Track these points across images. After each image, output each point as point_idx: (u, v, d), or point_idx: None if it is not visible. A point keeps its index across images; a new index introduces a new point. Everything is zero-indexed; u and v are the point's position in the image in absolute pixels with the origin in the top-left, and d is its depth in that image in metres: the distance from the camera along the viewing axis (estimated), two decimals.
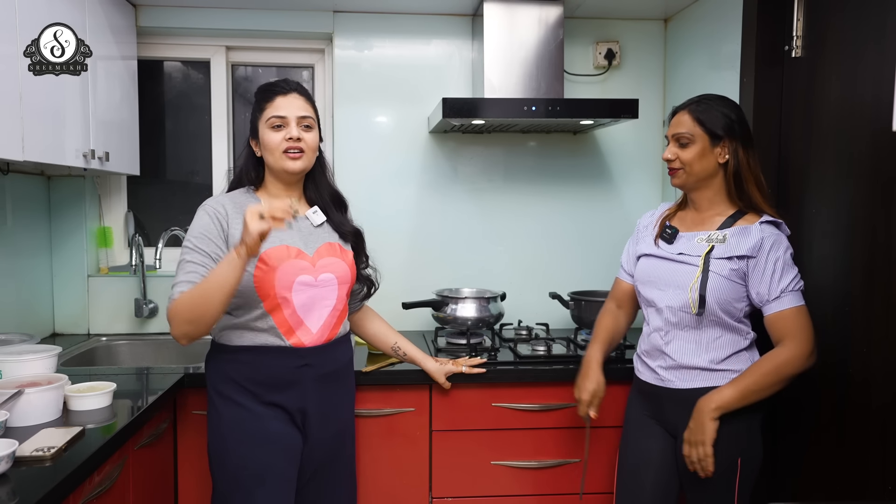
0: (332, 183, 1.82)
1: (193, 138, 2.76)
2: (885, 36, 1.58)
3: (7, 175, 2.19)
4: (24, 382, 1.55)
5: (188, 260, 1.59)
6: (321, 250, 1.70)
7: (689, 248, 1.71)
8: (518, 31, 2.38)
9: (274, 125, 1.65)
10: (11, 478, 1.24)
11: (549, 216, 2.71)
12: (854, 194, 1.69)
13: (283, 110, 1.64)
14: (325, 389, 1.70)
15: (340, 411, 1.76)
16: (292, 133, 1.64)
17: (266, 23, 2.57)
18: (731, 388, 1.61)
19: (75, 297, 2.56)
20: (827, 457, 1.77)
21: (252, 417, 1.63)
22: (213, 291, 1.49)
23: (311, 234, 1.71)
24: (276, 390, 1.64)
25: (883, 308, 1.58)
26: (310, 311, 1.66)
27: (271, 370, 1.63)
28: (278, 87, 1.67)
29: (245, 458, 1.62)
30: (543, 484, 2.10)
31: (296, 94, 1.67)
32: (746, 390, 1.60)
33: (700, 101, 1.71)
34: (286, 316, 1.63)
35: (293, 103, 1.66)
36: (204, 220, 1.62)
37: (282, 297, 1.62)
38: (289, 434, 1.65)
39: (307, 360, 1.66)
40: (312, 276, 1.66)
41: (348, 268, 1.73)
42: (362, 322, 1.97)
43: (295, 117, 1.65)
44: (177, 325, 1.54)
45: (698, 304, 1.64)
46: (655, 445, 1.77)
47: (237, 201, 1.68)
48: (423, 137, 2.64)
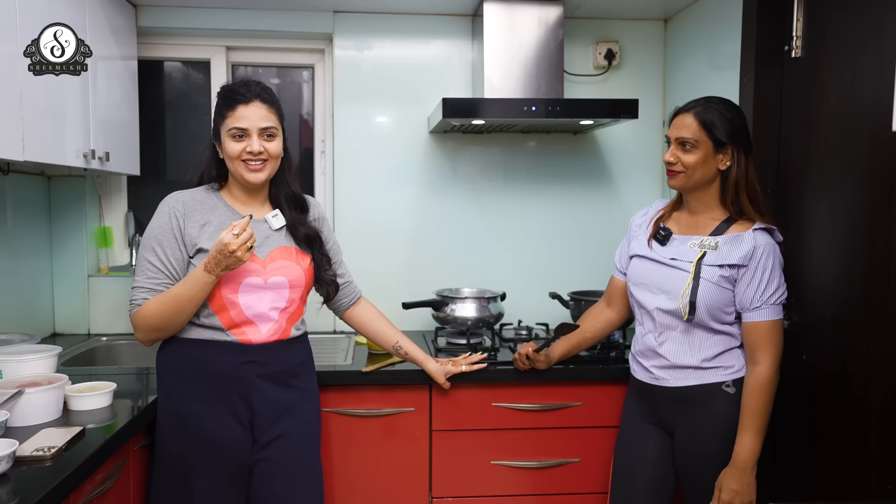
0: (291, 182, 1.77)
1: (193, 138, 2.76)
2: (884, 36, 1.58)
3: (7, 175, 2.19)
4: (24, 382, 1.55)
5: (149, 261, 1.62)
6: (274, 254, 1.69)
7: (681, 252, 1.72)
8: (518, 32, 2.38)
9: (235, 135, 1.62)
10: (12, 478, 1.24)
11: (549, 216, 2.71)
12: (854, 194, 1.69)
13: (244, 122, 1.61)
14: (275, 389, 1.68)
15: (296, 412, 1.72)
16: (253, 147, 1.61)
17: (266, 23, 2.57)
18: (748, 436, 1.63)
19: (75, 297, 2.56)
20: (827, 456, 1.77)
21: (193, 413, 1.63)
22: (184, 305, 1.57)
23: (267, 238, 1.69)
24: (220, 386, 1.63)
25: (883, 308, 1.58)
26: (257, 311, 1.65)
27: (216, 364, 1.63)
28: (240, 95, 1.62)
29: (183, 452, 1.62)
30: (543, 484, 2.10)
31: (258, 101, 1.62)
32: (761, 428, 1.63)
33: (706, 104, 1.69)
34: (232, 316, 1.63)
35: (255, 113, 1.61)
36: (162, 220, 1.64)
37: (227, 299, 1.62)
38: (232, 431, 1.64)
39: (253, 357, 1.65)
40: (261, 279, 1.65)
41: (303, 272, 1.72)
42: (364, 321, 1.96)
43: (256, 129, 1.61)
44: (144, 332, 1.62)
45: (689, 310, 1.66)
46: (651, 444, 1.79)
47: (198, 199, 1.68)
48: (423, 137, 2.64)
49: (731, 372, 1.69)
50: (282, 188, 1.76)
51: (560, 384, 2.07)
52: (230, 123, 1.62)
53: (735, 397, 1.67)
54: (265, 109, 1.64)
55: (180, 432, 1.63)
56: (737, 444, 1.63)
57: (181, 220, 1.63)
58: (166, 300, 1.57)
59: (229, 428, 1.64)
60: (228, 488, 1.65)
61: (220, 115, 1.65)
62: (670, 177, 1.73)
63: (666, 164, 1.73)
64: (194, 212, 1.64)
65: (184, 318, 1.59)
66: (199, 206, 1.66)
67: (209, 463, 1.63)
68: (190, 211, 1.64)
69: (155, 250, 1.62)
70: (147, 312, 1.58)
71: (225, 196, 1.71)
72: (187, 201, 1.66)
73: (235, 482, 1.66)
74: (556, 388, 2.08)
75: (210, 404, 1.63)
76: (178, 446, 1.63)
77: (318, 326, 2.52)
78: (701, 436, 1.69)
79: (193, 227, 1.63)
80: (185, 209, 1.64)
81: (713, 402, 1.68)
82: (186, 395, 1.64)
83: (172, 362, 1.67)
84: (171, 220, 1.63)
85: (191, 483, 1.62)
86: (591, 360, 2.14)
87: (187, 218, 1.63)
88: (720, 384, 1.68)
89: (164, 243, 1.62)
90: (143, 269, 1.62)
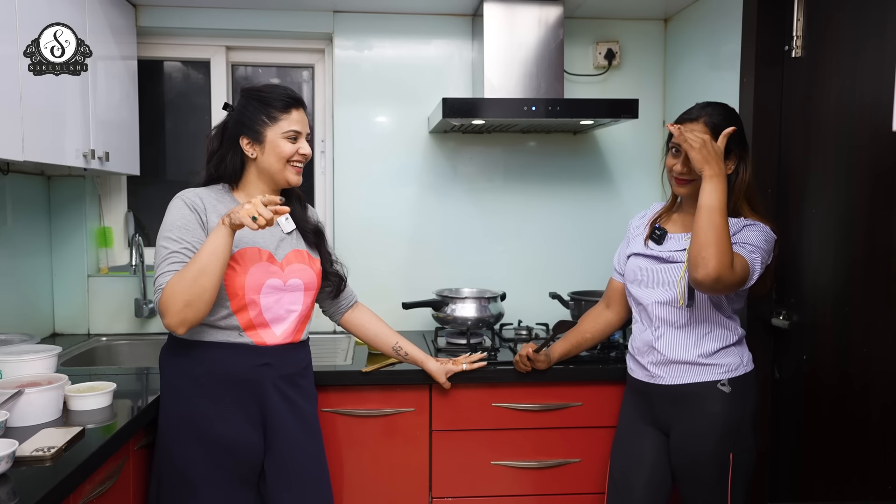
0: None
1: (193, 138, 2.76)
2: (885, 36, 1.58)
3: (7, 175, 2.19)
4: (24, 382, 1.55)
5: (171, 250, 1.56)
6: (290, 256, 1.71)
7: (677, 247, 1.73)
8: (518, 32, 2.38)
9: (291, 137, 1.67)
10: (11, 478, 1.24)
11: (550, 216, 2.71)
12: (854, 194, 1.69)
13: (299, 125, 1.68)
14: (287, 391, 1.69)
15: (304, 414, 1.73)
16: (305, 150, 1.69)
17: (266, 23, 2.57)
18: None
19: (75, 297, 2.56)
20: (827, 456, 1.77)
21: (203, 415, 1.62)
22: (207, 263, 1.48)
23: (281, 241, 1.71)
24: (234, 389, 1.63)
25: (883, 308, 1.58)
26: (275, 314, 1.66)
27: (231, 367, 1.62)
28: (293, 100, 1.68)
29: (192, 454, 1.61)
30: (543, 484, 2.10)
31: (304, 109, 1.71)
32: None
33: (712, 112, 1.69)
34: (251, 317, 1.63)
35: (304, 118, 1.70)
36: (183, 212, 1.61)
37: (250, 299, 1.62)
38: (243, 434, 1.63)
39: (267, 359, 1.65)
40: (281, 280, 1.67)
41: (315, 276, 1.75)
42: (362, 324, 1.97)
43: (305, 133, 1.70)
44: (174, 313, 1.49)
45: (686, 296, 1.66)
46: (648, 447, 1.79)
47: (212, 196, 1.67)
48: (423, 137, 2.64)
49: (729, 370, 1.69)
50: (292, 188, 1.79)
51: (560, 384, 2.07)
52: (286, 126, 1.66)
53: (731, 397, 1.67)
54: (306, 115, 1.72)
55: (189, 434, 1.62)
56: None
57: (203, 215, 1.62)
58: (188, 265, 1.51)
59: (241, 430, 1.63)
60: (239, 491, 1.64)
61: (270, 117, 1.65)
62: (679, 184, 1.73)
63: (676, 173, 1.72)
64: (212, 206, 1.64)
65: (210, 282, 1.48)
66: (215, 202, 1.66)
67: (220, 465, 1.62)
68: (209, 206, 1.64)
69: (176, 238, 1.57)
70: (173, 288, 1.49)
71: (239, 197, 1.71)
72: (203, 197, 1.65)
73: (246, 484, 1.65)
74: (555, 388, 2.08)
75: (222, 407, 1.62)
76: (187, 448, 1.62)
77: (318, 326, 2.51)
78: (696, 435, 1.69)
79: (214, 221, 1.62)
80: (204, 203, 1.64)
81: (709, 402, 1.68)
82: (197, 396, 1.63)
83: (182, 364, 1.65)
84: (193, 213, 1.61)
85: (200, 486, 1.61)
86: (590, 361, 2.14)
87: (208, 211, 1.63)
88: (716, 382, 1.68)
89: (186, 231, 1.58)
90: (163, 258, 1.56)
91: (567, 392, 2.08)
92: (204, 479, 1.61)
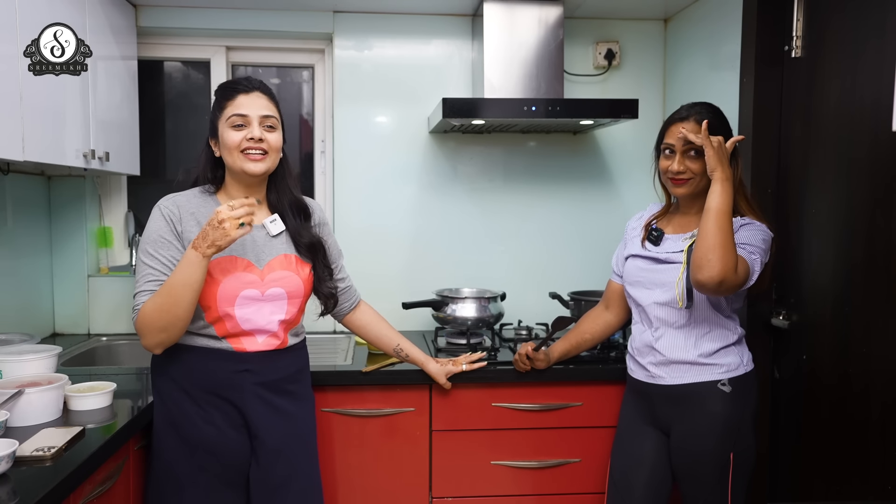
0: (293, 188, 1.73)
1: (193, 138, 2.76)
2: (884, 36, 1.58)
3: (7, 175, 2.18)
4: (24, 382, 1.55)
5: (148, 265, 1.56)
6: (273, 263, 1.64)
7: (674, 247, 1.74)
8: (518, 32, 2.38)
9: (234, 124, 1.58)
10: (11, 478, 1.24)
11: (549, 216, 2.71)
12: (854, 194, 1.69)
13: (244, 108, 1.58)
14: (271, 399, 1.65)
15: (292, 422, 1.68)
16: (254, 133, 1.57)
17: (266, 23, 2.57)
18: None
19: (75, 297, 2.56)
20: (827, 456, 1.77)
21: (186, 418, 1.61)
22: (179, 291, 1.48)
23: (265, 245, 1.65)
24: (214, 394, 1.61)
25: (882, 308, 1.59)
26: (256, 324, 1.61)
27: (211, 372, 1.60)
28: (240, 86, 1.60)
29: (177, 456, 1.61)
30: (543, 484, 2.10)
31: (258, 92, 1.61)
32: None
33: (702, 111, 1.70)
34: (228, 328, 1.60)
35: (256, 102, 1.59)
36: (159, 223, 1.59)
37: (223, 311, 1.58)
38: (227, 439, 1.61)
39: (248, 365, 1.61)
40: (259, 291, 1.60)
41: (302, 283, 1.67)
42: (365, 325, 1.95)
43: (257, 116, 1.58)
44: (150, 335, 1.52)
45: (685, 297, 1.66)
46: (648, 447, 1.79)
47: (193, 201, 1.64)
48: (423, 137, 2.64)
49: (729, 370, 1.69)
50: (284, 195, 1.71)
51: (560, 384, 2.07)
52: (230, 112, 1.58)
53: (731, 396, 1.67)
54: (266, 100, 1.62)
55: (175, 437, 1.62)
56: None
57: (177, 223, 1.59)
58: (161, 292, 1.51)
59: (224, 433, 1.62)
60: (224, 493, 1.63)
61: (219, 108, 1.62)
62: (677, 185, 1.73)
63: (672, 174, 1.73)
64: (189, 213, 1.62)
65: (183, 311, 1.49)
66: (193, 207, 1.63)
67: (205, 468, 1.61)
68: (185, 212, 1.61)
69: (152, 254, 1.58)
70: (147, 311, 1.52)
71: (221, 198, 1.67)
72: (181, 203, 1.62)
73: (232, 486, 1.64)
74: (555, 388, 2.08)
75: (204, 410, 1.61)
76: (173, 450, 1.62)
77: (318, 327, 2.51)
78: (697, 435, 1.69)
79: (190, 228, 1.60)
80: (180, 211, 1.61)
81: (709, 401, 1.68)
82: (180, 399, 1.62)
83: (166, 367, 1.64)
84: (167, 223, 1.59)
85: (185, 486, 1.61)
86: (590, 361, 2.14)
87: (183, 219, 1.60)
88: (716, 382, 1.68)
89: (161, 246, 1.58)
90: (142, 275, 1.58)
91: (567, 392, 2.08)
92: (189, 480, 1.61)
